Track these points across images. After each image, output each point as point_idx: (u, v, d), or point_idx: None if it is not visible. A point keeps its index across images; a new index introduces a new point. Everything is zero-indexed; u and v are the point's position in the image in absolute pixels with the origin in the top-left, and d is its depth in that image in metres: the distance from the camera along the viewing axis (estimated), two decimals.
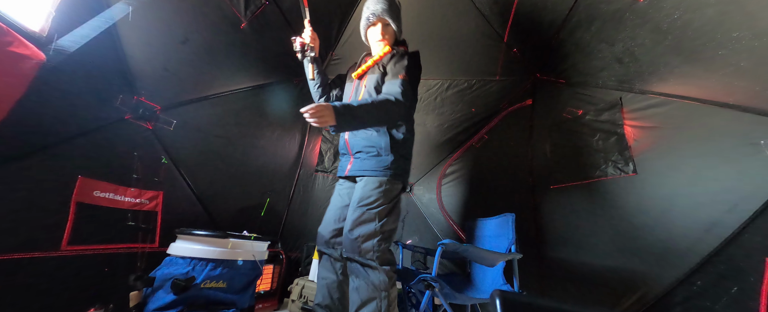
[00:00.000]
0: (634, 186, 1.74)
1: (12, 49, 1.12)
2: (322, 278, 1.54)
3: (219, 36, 1.91)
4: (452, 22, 2.29)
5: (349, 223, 1.41)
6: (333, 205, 1.65)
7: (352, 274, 1.41)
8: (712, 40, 1.37)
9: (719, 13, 1.31)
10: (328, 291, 1.51)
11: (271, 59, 2.32)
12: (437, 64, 2.50)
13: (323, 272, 1.56)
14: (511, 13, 2.12)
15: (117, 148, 1.55)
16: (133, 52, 1.54)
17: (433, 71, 2.54)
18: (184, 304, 1.41)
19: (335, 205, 1.63)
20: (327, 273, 1.54)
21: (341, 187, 1.67)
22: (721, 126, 1.45)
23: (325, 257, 1.57)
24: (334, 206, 1.64)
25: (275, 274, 2.22)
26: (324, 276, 1.55)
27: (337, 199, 1.65)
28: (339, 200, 1.63)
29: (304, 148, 2.79)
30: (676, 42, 1.50)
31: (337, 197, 1.66)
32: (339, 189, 1.68)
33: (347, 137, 1.62)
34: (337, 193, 1.68)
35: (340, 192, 1.66)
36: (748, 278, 1.27)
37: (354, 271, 1.40)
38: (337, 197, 1.66)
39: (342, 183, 1.68)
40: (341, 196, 1.64)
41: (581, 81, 2.09)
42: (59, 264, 1.32)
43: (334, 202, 1.66)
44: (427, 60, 2.58)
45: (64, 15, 1.29)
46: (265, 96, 2.41)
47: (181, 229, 1.60)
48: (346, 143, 1.62)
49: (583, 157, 2.02)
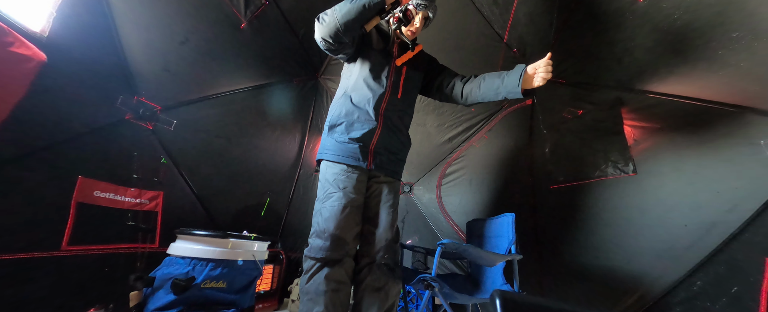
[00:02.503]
0: (634, 186, 1.74)
1: (13, 49, 1.12)
2: (335, 288, 1.27)
3: (219, 36, 1.92)
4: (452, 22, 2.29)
5: (388, 225, 1.38)
6: (353, 202, 1.35)
7: (377, 279, 1.33)
8: (712, 40, 1.37)
9: (719, 14, 1.31)
10: (341, 300, 1.29)
11: (271, 59, 2.32)
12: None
13: (337, 280, 1.29)
14: (511, 13, 2.12)
15: (117, 148, 1.55)
16: (133, 52, 1.55)
17: None
18: (184, 304, 1.41)
19: (356, 203, 1.36)
20: (343, 280, 1.31)
21: (353, 177, 1.38)
22: (721, 126, 1.45)
23: (340, 264, 1.31)
24: (355, 203, 1.36)
25: (275, 274, 2.22)
26: (338, 284, 1.28)
27: (355, 195, 1.36)
28: (358, 197, 1.38)
29: (304, 148, 2.79)
30: (676, 42, 1.50)
31: (355, 192, 1.37)
32: (353, 181, 1.37)
33: (381, 134, 1.45)
34: (353, 187, 1.36)
35: (358, 187, 1.38)
36: (748, 278, 1.27)
37: (381, 276, 1.33)
38: (354, 192, 1.36)
39: (353, 173, 1.39)
40: (359, 192, 1.39)
41: (581, 81, 2.09)
42: (59, 264, 1.32)
43: (353, 198, 1.35)
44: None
45: (65, 15, 1.30)
46: (265, 96, 2.40)
47: (181, 229, 1.60)
48: (374, 140, 1.43)
49: (583, 157, 2.02)
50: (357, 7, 1.25)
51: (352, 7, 1.26)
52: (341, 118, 1.45)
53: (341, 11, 1.27)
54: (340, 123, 1.45)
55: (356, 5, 1.25)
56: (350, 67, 1.58)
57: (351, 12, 1.26)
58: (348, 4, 1.27)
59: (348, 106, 1.46)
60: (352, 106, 1.45)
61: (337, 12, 1.28)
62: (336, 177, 1.37)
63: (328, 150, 1.43)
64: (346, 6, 1.27)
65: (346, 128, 1.43)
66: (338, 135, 1.43)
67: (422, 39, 1.71)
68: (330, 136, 1.45)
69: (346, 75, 1.59)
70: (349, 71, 1.58)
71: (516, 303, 0.30)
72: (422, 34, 1.67)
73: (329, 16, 1.29)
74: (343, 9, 1.27)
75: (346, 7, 1.27)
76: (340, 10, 1.27)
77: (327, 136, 1.48)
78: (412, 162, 2.60)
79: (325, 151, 1.45)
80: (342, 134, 1.43)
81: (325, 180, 1.41)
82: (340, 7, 1.28)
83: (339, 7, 1.29)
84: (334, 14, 1.28)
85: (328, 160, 1.42)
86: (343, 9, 1.27)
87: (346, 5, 1.27)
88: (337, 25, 1.28)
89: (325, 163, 1.44)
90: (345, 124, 1.44)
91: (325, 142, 1.48)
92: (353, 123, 1.43)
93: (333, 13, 1.29)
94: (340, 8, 1.28)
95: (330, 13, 1.30)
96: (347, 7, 1.26)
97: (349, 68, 1.58)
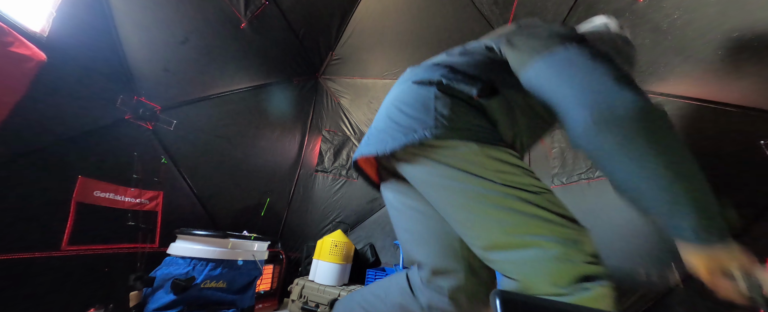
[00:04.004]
0: None
1: (12, 49, 1.12)
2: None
3: (219, 36, 1.92)
4: (452, 22, 2.29)
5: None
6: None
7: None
8: (712, 40, 1.37)
9: (719, 13, 1.31)
10: None
11: (271, 59, 2.32)
12: None
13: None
14: (511, 13, 2.13)
15: (117, 148, 1.55)
16: (133, 52, 1.55)
17: None
18: (184, 304, 1.41)
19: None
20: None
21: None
22: (721, 126, 1.45)
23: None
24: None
25: (275, 274, 2.22)
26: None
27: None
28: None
29: (304, 148, 2.79)
30: (676, 42, 1.50)
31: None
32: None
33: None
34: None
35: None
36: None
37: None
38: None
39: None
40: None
41: None
42: (59, 264, 1.32)
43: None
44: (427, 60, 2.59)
45: (65, 15, 1.30)
46: (265, 96, 2.41)
47: (181, 229, 1.60)
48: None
49: (583, 157, 2.02)
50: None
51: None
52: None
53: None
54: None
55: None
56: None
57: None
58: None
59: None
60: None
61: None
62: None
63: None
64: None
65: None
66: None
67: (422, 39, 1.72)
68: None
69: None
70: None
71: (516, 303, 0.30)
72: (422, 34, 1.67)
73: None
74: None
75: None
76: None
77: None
78: None
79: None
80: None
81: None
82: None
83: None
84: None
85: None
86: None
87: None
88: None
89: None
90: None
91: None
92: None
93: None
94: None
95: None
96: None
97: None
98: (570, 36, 0.76)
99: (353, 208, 2.68)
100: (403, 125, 0.77)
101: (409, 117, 0.77)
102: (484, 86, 0.78)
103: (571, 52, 0.71)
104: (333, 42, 2.62)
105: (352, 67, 2.74)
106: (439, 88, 0.78)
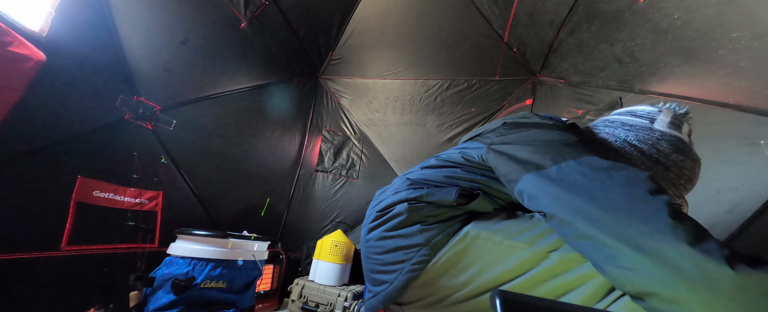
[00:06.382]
0: None
1: (12, 49, 1.12)
2: None
3: (219, 36, 1.91)
4: (452, 22, 2.29)
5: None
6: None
7: None
8: (712, 40, 1.36)
9: (719, 13, 1.31)
10: None
11: (271, 59, 2.32)
12: (437, 64, 2.50)
13: None
14: (511, 13, 2.12)
15: (117, 148, 1.55)
16: (132, 51, 1.54)
17: (433, 71, 2.53)
18: (184, 304, 1.41)
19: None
20: None
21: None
22: (721, 126, 1.45)
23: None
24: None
25: (275, 274, 2.22)
26: None
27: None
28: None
29: (304, 148, 2.79)
30: (676, 42, 1.50)
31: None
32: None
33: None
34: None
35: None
36: None
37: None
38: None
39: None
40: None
41: (581, 81, 2.09)
42: (59, 264, 1.31)
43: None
44: (427, 60, 2.60)
45: (64, 15, 1.29)
46: (265, 96, 2.40)
47: (181, 229, 1.60)
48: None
49: None
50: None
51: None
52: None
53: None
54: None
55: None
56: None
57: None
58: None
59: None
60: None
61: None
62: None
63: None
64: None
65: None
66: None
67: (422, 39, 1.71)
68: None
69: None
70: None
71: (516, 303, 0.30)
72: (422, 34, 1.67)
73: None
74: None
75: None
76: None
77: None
78: (412, 162, 2.60)
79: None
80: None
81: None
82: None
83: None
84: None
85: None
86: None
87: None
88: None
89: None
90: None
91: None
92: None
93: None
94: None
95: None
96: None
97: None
98: (578, 146, 0.55)
99: (353, 208, 2.68)
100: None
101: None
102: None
103: (580, 173, 0.50)
104: (333, 42, 2.62)
105: (352, 67, 2.74)
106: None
